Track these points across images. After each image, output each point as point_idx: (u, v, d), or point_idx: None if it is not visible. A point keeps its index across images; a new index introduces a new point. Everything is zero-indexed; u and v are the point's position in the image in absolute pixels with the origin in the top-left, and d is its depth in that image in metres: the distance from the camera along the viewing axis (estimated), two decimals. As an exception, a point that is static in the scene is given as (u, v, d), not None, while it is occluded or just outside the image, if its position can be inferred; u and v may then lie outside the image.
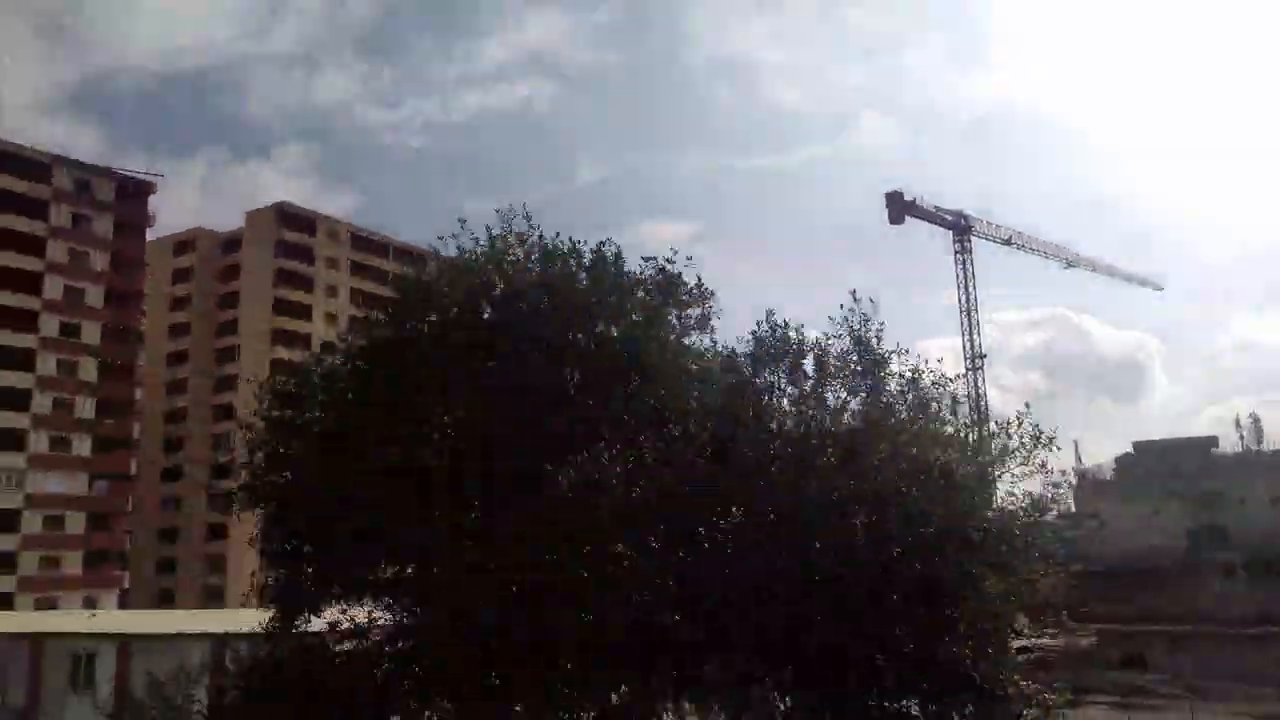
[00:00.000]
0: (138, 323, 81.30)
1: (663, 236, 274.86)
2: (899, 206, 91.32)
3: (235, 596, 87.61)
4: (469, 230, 18.97)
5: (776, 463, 16.35)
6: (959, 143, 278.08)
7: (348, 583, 17.68)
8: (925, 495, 15.92)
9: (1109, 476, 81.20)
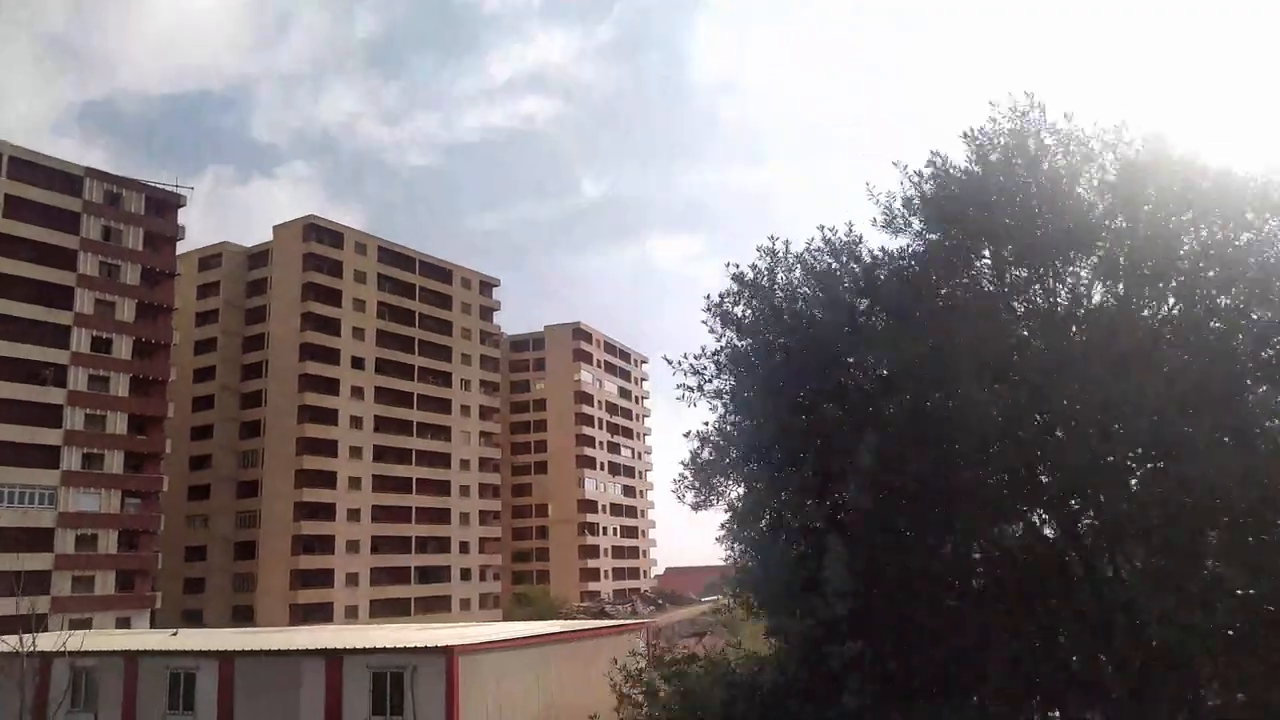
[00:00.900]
0: (169, 337, 79.92)
1: (671, 250, 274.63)
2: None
3: (267, 615, 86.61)
4: None
5: None
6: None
7: None
8: None
9: None
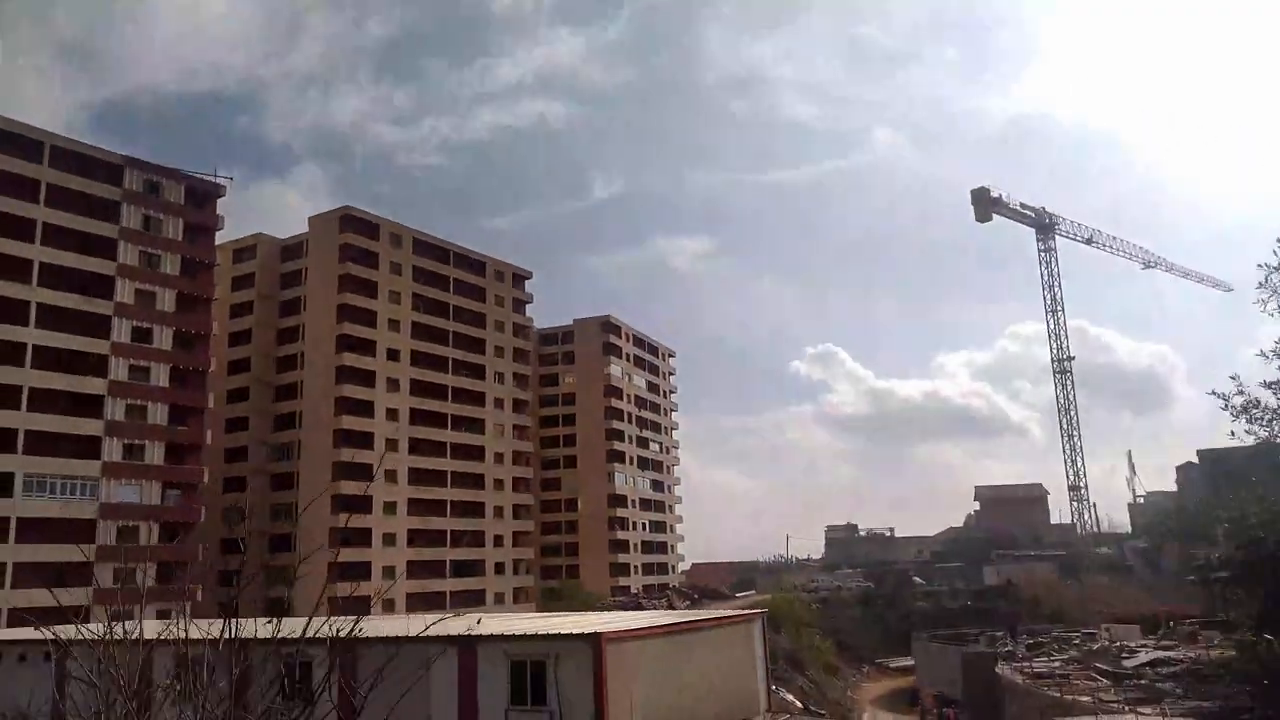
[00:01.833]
0: (209, 327, 79.35)
1: (680, 251, 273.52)
2: (985, 204, 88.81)
3: (304, 610, 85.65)
4: None
5: None
6: (973, 155, 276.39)
7: None
8: None
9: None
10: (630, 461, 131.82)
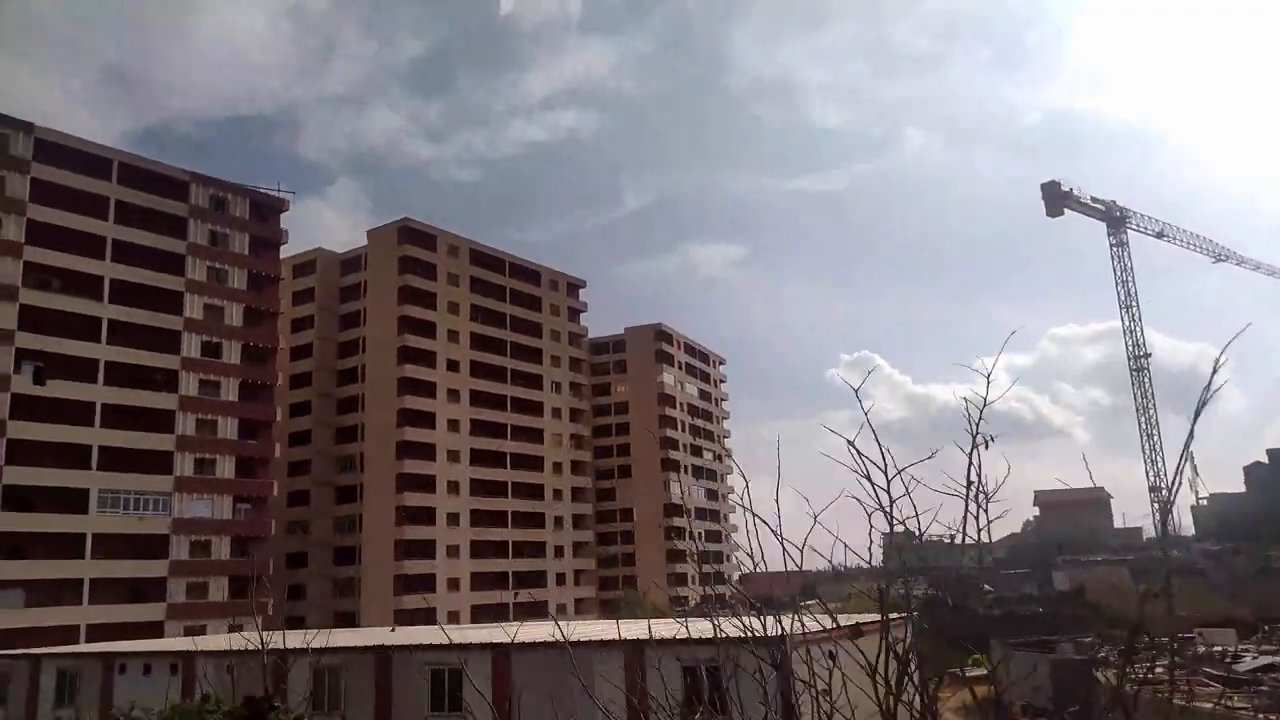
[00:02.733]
0: (275, 341, 79.49)
1: (712, 258, 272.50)
2: (1056, 198, 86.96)
3: (371, 622, 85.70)
4: None
5: None
6: (1008, 155, 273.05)
7: None
8: None
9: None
10: (685, 470, 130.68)
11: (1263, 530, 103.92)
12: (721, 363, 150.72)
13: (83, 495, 66.92)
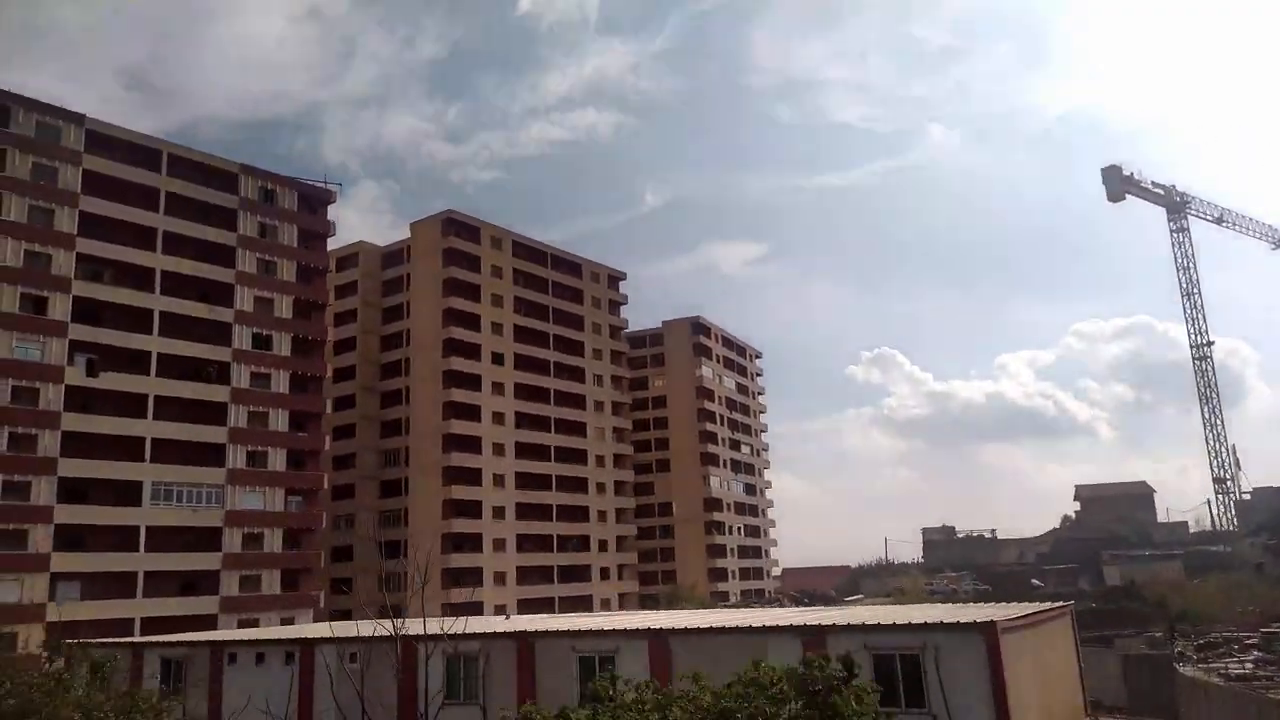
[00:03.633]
0: (324, 333, 78.94)
1: (731, 256, 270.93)
2: (1117, 182, 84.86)
3: (416, 613, 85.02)
4: None
5: None
6: (1030, 150, 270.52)
7: None
8: None
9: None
10: (724, 465, 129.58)
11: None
12: (758, 356, 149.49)
13: (136, 488, 66.49)
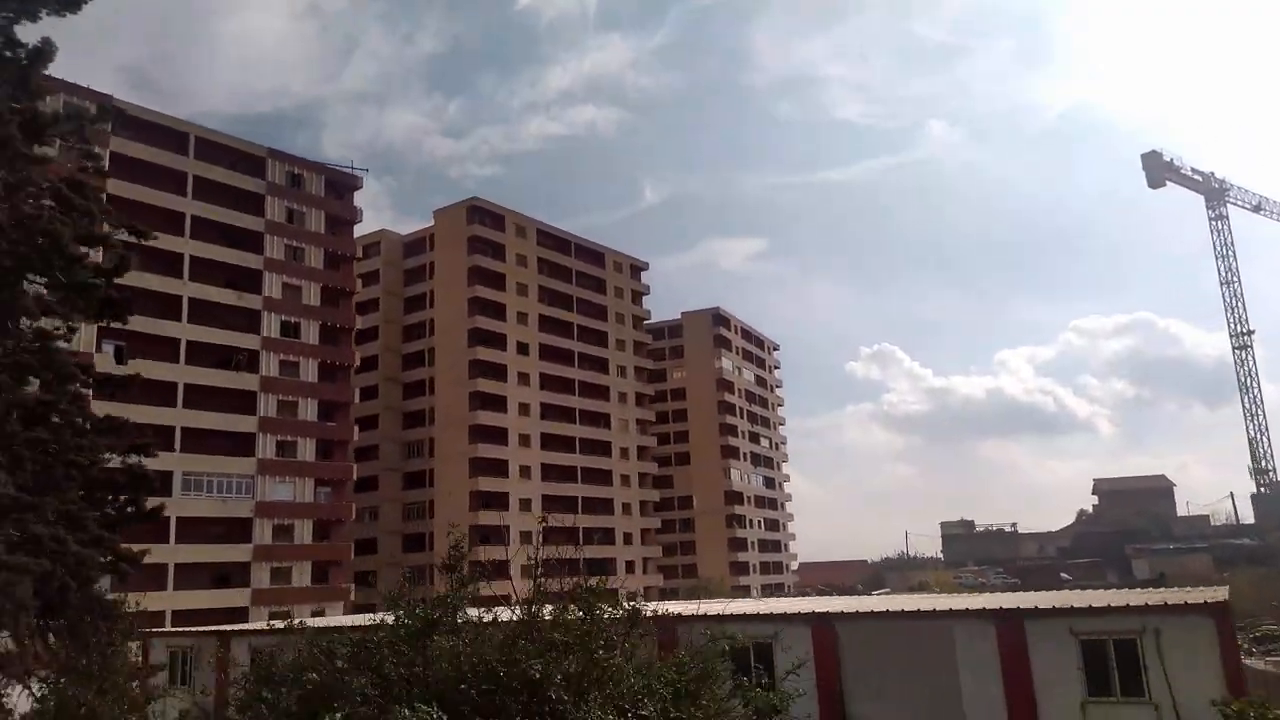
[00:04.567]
0: (351, 321, 77.53)
1: (731, 253, 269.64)
2: (1158, 169, 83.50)
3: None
4: None
5: None
6: (1030, 148, 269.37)
7: None
8: None
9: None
10: (744, 458, 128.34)
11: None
12: (775, 349, 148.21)
13: (167, 478, 64.83)
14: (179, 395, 66.02)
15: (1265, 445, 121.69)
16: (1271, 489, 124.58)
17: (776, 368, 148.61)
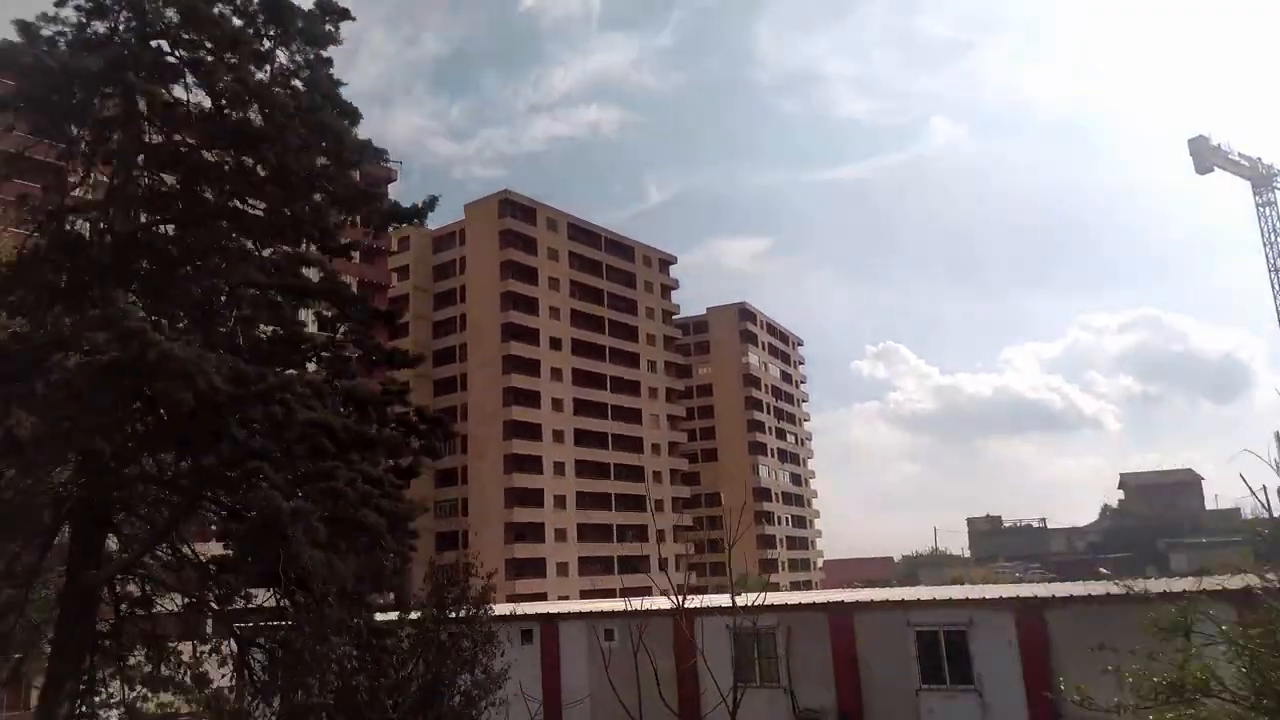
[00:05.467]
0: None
1: (736, 251, 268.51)
2: (1205, 154, 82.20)
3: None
4: None
5: None
6: (1034, 144, 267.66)
7: None
8: None
9: None
10: (771, 454, 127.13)
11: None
12: (800, 344, 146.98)
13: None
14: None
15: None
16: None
17: (801, 363, 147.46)
